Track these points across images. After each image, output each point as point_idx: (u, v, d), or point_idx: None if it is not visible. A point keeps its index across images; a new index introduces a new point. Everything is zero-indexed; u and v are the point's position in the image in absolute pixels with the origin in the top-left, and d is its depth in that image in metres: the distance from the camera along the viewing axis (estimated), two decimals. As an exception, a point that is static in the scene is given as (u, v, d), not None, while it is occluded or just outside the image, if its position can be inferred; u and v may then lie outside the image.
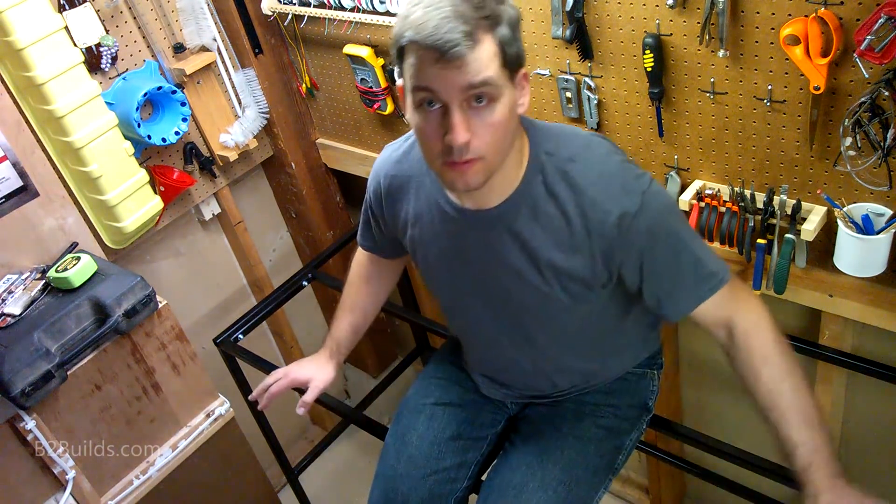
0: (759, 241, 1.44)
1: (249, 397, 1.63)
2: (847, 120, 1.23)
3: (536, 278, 1.16)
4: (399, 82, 1.05)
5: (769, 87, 1.31)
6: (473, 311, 1.29)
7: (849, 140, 1.24)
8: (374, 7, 1.76)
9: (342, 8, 1.83)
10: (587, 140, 1.14)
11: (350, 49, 1.93)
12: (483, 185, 1.05)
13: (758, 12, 1.26)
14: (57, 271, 1.54)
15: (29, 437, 1.46)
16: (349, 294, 1.56)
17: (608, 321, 1.27)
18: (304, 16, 1.96)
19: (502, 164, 1.06)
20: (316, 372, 1.53)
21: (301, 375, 1.53)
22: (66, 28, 1.65)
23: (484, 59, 0.94)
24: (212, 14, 1.97)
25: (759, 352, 1.13)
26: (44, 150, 1.66)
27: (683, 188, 1.54)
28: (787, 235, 1.40)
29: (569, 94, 1.61)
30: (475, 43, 0.93)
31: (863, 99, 1.20)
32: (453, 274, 1.26)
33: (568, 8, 1.46)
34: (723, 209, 1.47)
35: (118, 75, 1.87)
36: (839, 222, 1.32)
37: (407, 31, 0.94)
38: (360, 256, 1.54)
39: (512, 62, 0.99)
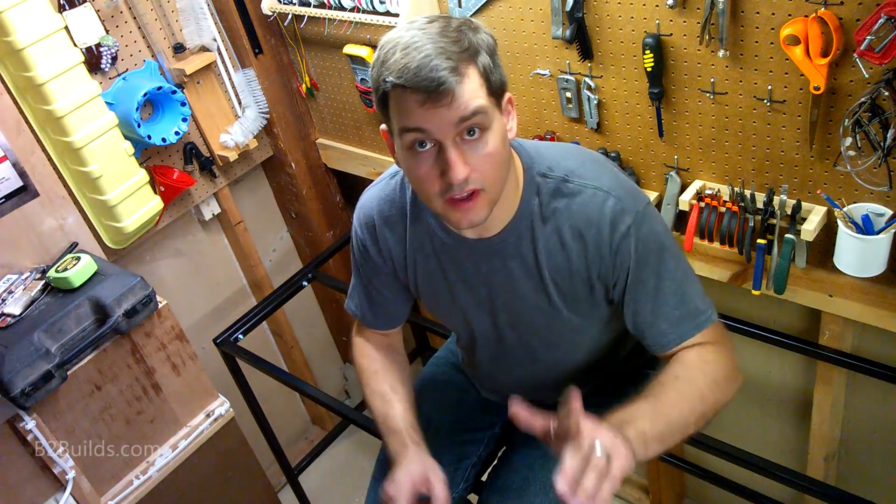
0: (759, 241, 1.44)
1: None
2: (847, 120, 1.23)
3: (543, 301, 1.15)
4: (383, 127, 1.05)
5: (769, 87, 1.31)
6: (481, 333, 1.27)
7: (849, 140, 1.24)
8: (374, 7, 1.76)
9: (342, 8, 1.83)
10: (580, 158, 1.13)
11: (350, 49, 1.93)
12: (486, 219, 1.04)
13: (758, 12, 1.26)
14: (57, 271, 1.54)
15: (29, 437, 1.46)
16: (377, 381, 1.33)
17: (619, 332, 1.26)
18: (304, 16, 1.96)
19: (502, 194, 1.05)
20: (424, 468, 1.21)
21: (413, 484, 1.19)
22: (66, 28, 1.65)
23: (471, 91, 0.94)
24: (212, 14, 1.97)
25: (692, 371, 1.06)
26: (44, 150, 1.66)
27: (683, 188, 1.54)
28: (787, 235, 1.40)
29: (569, 95, 1.61)
30: (461, 77, 0.92)
31: (863, 99, 1.20)
32: (458, 301, 1.24)
33: (568, 8, 1.46)
34: (723, 209, 1.47)
35: (118, 75, 1.87)
36: (839, 222, 1.32)
37: (388, 76, 0.93)
38: (363, 348, 1.38)
39: (497, 89, 0.98)
